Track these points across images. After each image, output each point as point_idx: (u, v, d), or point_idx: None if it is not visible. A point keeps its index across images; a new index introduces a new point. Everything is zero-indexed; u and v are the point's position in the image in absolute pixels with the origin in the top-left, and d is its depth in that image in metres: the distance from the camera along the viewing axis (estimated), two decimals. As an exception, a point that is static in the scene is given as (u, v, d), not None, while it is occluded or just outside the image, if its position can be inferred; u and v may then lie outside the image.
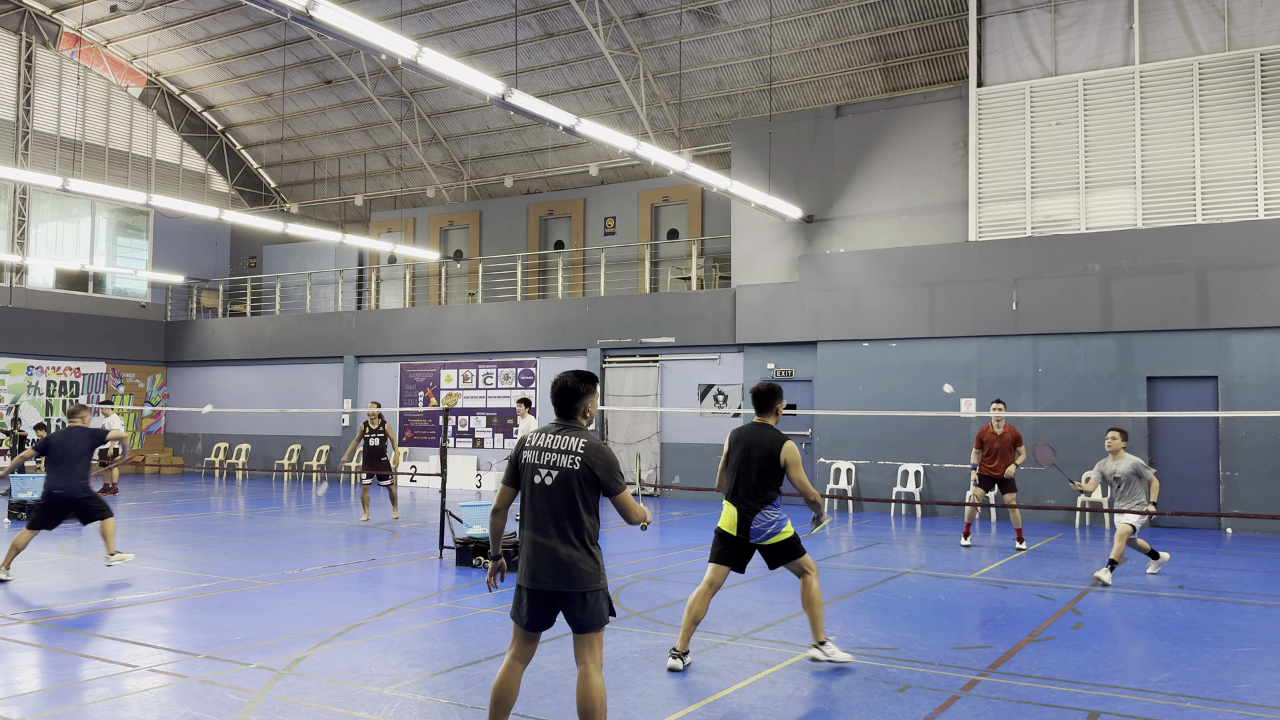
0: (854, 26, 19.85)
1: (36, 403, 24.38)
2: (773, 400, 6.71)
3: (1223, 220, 15.19)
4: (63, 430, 9.98)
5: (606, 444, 4.65)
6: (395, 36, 10.02)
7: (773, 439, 6.54)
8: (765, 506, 6.50)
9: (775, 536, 6.53)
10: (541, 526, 4.61)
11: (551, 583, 4.54)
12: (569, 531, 4.55)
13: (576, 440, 4.61)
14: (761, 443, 6.54)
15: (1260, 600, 9.18)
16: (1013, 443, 12.84)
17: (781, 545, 6.55)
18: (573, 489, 4.56)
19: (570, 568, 4.53)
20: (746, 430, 6.69)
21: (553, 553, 4.54)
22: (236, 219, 19.38)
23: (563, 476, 4.57)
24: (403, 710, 5.58)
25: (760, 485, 6.49)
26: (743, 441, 6.63)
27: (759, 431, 6.62)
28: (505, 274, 24.61)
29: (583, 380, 4.75)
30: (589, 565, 4.56)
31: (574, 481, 4.56)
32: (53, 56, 25.26)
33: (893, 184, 18.10)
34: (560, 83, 23.36)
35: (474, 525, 10.97)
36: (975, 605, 8.89)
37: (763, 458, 6.49)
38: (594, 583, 4.55)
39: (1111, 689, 6.11)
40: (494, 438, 22.28)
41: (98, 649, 7.02)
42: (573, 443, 4.60)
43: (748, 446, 6.57)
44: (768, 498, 6.51)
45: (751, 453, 6.53)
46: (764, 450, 6.50)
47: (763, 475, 6.49)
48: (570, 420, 4.75)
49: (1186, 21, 15.70)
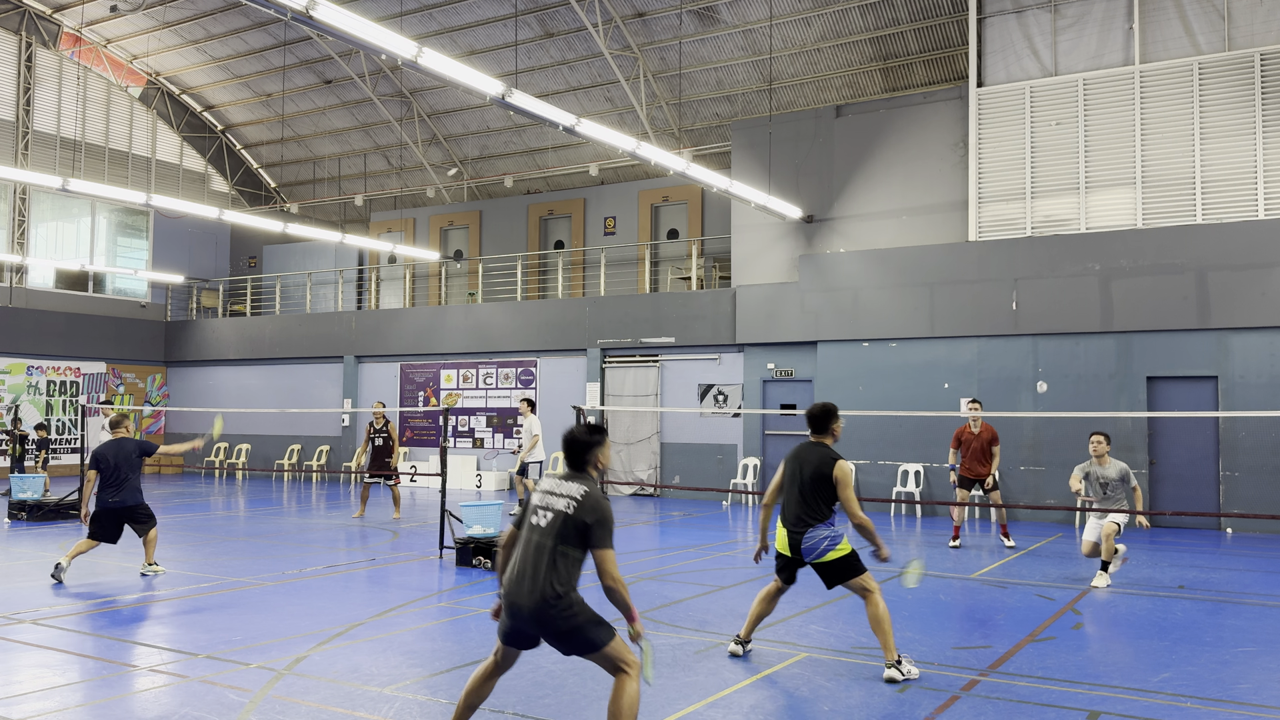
0: (854, 26, 19.85)
1: (36, 403, 24.38)
2: (828, 421, 6.67)
3: (1223, 220, 15.19)
4: (112, 442, 9.96)
5: (607, 500, 4.63)
6: (395, 36, 10.02)
7: (823, 457, 6.49)
8: (816, 525, 6.43)
9: (829, 554, 6.40)
10: (524, 564, 4.57)
11: (531, 626, 4.53)
12: (546, 572, 4.49)
13: (578, 488, 4.61)
14: (811, 460, 6.52)
15: (1260, 600, 9.18)
16: (989, 441, 12.80)
17: (836, 564, 6.41)
18: (560, 532, 4.53)
19: (544, 610, 4.46)
20: (800, 448, 6.69)
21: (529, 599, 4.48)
22: (236, 219, 19.38)
23: (555, 519, 4.56)
24: (403, 710, 5.58)
25: (808, 504, 6.45)
26: (796, 459, 6.63)
27: (810, 450, 6.60)
28: (505, 274, 24.61)
29: (592, 433, 4.77)
30: (564, 608, 4.47)
31: (563, 525, 4.53)
32: (53, 56, 25.26)
33: (893, 184, 18.10)
34: (560, 83, 23.36)
35: (474, 525, 10.97)
36: (975, 605, 8.89)
37: (813, 476, 6.45)
38: (569, 621, 4.48)
39: (1111, 689, 6.11)
40: (494, 438, 22.29)
41: (98, 649, 7.02)
42: (573, 489, 4.61)
43: (799, 465, 6.57)
44: (819, 515, 6.44)
45: (802, 471, 6.52)
46: (814, 468, 6.47)
47: (811, 493, 6.44)
48: (580, 471, 4.76)
49: (1186, 21, 15.70)
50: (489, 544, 10.61)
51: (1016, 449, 16.24)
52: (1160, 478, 15.39)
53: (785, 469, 6.67)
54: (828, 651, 7.00)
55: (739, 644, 6.82)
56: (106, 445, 9.95)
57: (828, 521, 6.45)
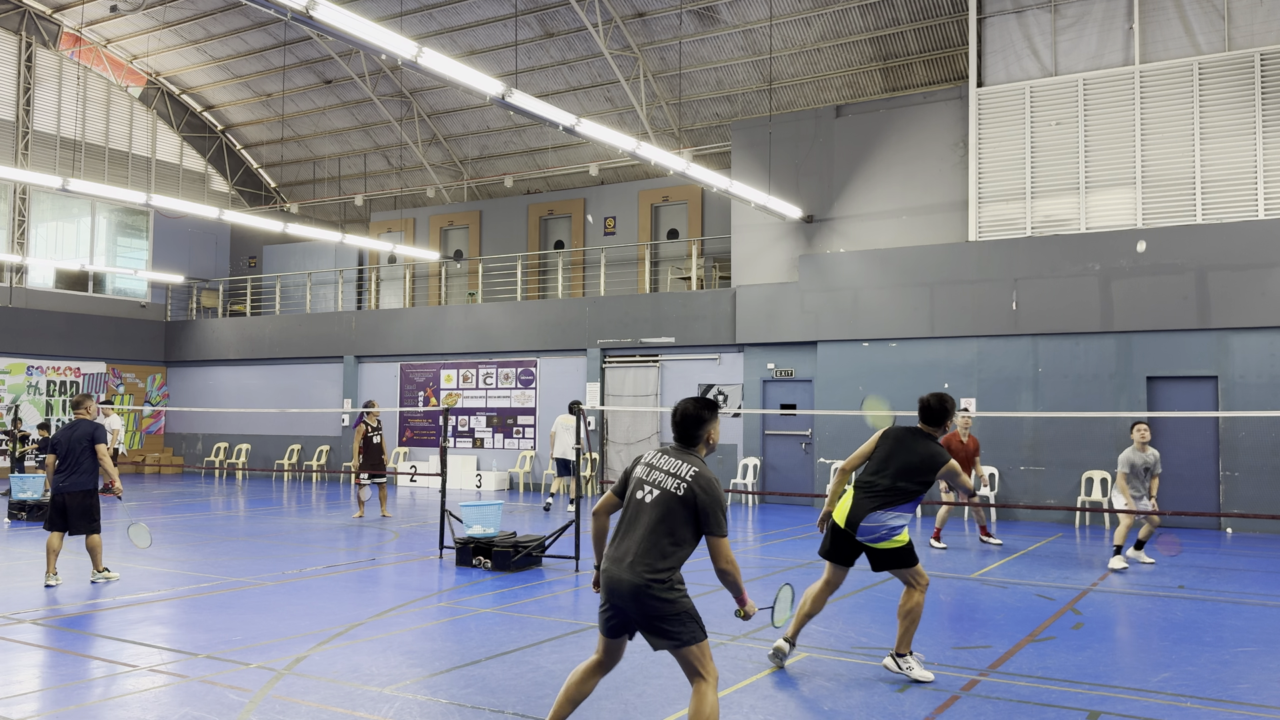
0: (854, 26, 19.85)
1: (36, 403, 24.38)
2: (945, 417, 6.41)
3: (1223, 220, 15.19)
4: (68, 425, 9.68)
5: (718, 482, 4.44)
6: (395, 36, 10.02)
7: (935, 452, 6.27)
8: (886, 509, 6.16)
9: (883, 543, 6.23)
10: (626, 545, 4.39)
11: (628, 604, 4.35)
12: (652, 555, 4.31)
13: (689, 468, 4.40)
14: (917, 449, 6.28)
15: (1260, 600, 9.18)
16: (975, 451, 12.87)
17: (891, 552, 6.26)
18: (667, 513, 4.35)
19: (645, 592, 4.29)
20: (904, 432, 6.42)
21: (630, 574, 4.32)
22: (236, 219, 19.38)
23: (663, 498, 4.36)
24: (403, 710, 5.58)
25: (893, 485, 6.18)
26: (894, 439, 6.39)
27: (916, 437, 6.38)
28: (505, 274, 24.61)
29: (704, 407, 4.54)
30: (665, 592, 4.30)
31: (673, 506, 4.35)
32: (53, 56, 25.26)
33: (893, 184, 18.10)
34: (560, 83, 23.36)
35: (474, 525, 10.97)
36: (975, 605, 8.89)
37: (917, 463, 6.21)
38: (668, 606, 4.30)
39: (1111, 689, 6.11)
40: (494, 438, 22.29)
41: (98, 649, 7.02)
42: (683, 469, 4.40)
43: (899, 446, 6.33)
44: (892, 500, 6.17)
45: (899, 452, 6.29)
46: (920, 458, 6.22)
47: (902, 476, 6.19)
48: (690, 447, 4.54)
49: (1186, 21, 15.70)
50: (489, 544, 10.62)
51: (1017, 449, 16.25)
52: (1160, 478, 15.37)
53: (880, 446, 6.39)
54: (828, 651, 6.99)
55: (786, 642, 6.50)
56: (63, 428, 9.66)
57: (897, 508, 6.17)
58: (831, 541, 6.41)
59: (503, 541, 10.63)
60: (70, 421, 9.77)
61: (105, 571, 9.72)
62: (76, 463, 9.48)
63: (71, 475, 9.47)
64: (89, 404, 9.87)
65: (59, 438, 9.59)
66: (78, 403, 9.85)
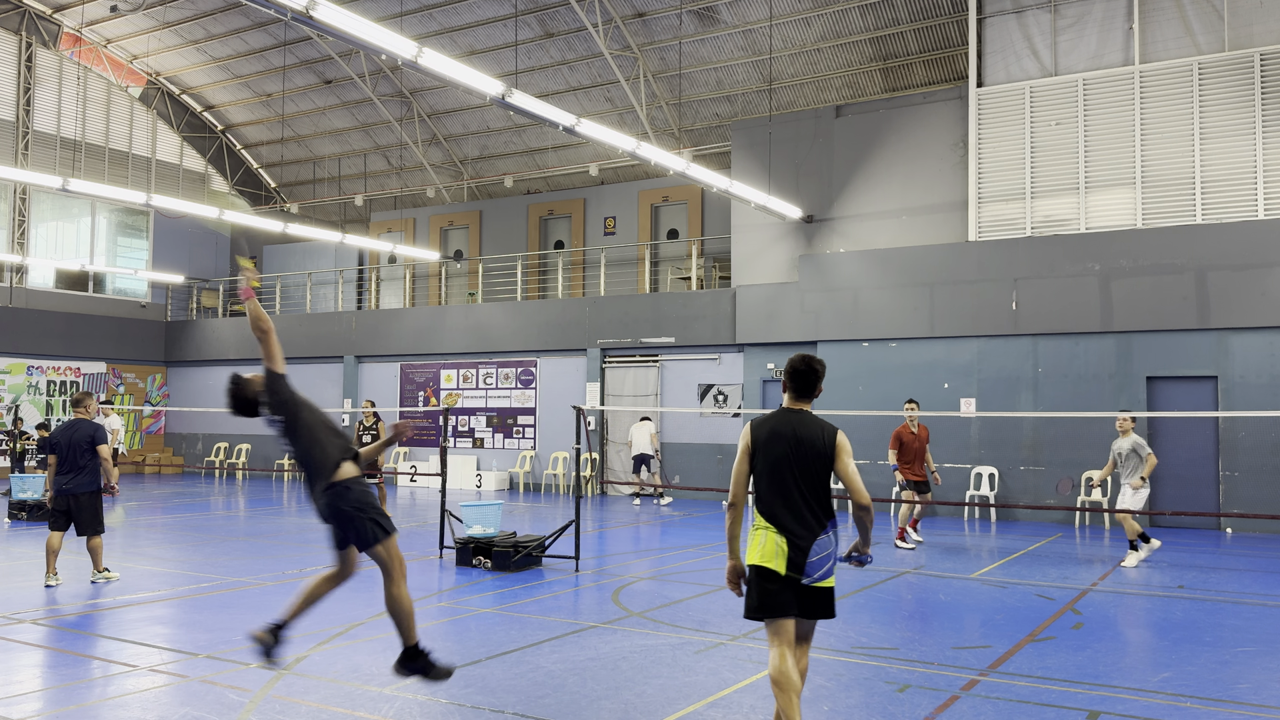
0: (854, 26, 19.85)
1: (36, 403, 24.38)
2: (818, 380, 4.96)
3: (1223, 220, 15.19)
4: (67, 425, 9.58)
5: None
6: (395, 36, 10.02)
7: (824, 428, 4.74)
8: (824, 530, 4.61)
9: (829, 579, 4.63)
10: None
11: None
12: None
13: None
14: (810, 436, 4.70)
15: (1260, 600, 9.18)
16: (926, 441, 12.83)
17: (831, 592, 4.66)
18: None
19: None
20: (779, 420, 4.76)
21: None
22: (236, 219, 19.38)
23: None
24: (403, 710, 5.58)
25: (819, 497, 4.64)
26: (782, 436, 4.70)
27: (803, 420, 4.77)
28: (505, 274, 24.61)
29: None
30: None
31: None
32: (53, 56, 25.26)
33: (893, 184, 18.10)
34: (560, 83, 23.36)
35: (474, 525, 10.97)
36: (975, 605, 8.89)
37: (818, 457, 4.65)
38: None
39: (1111, 689, 6.11)
40: (494, 438, 22.29)
41: (98, 649, 7.02)
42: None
43: (795, 442, 4.68)
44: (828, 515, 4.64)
45: (801, 450, 4.66)
46: (815, 447, 4.67)
47: (822, 481, 4.66)
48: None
49: (1186, 21, 15.70)
50: (489, 544, 10.61)
51: (1017, 449, 16.25)
52: (1160, 478, 15.38)
53: (767, 449, 4.69)
54: (828, 651, 6.99)
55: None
56: (62, 427, 9.56)
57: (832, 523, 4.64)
58: (762, 595, 4.57)
59: (503, 541, 10.63)
60: (69, 421, 9.64)
61: (105, 572, 9.72)
62: (78, 463, 9.43)
63: (75, 476, 9.41)
64: (89, 403, 9.80)
65: (58, 438, 9.48)
66: (78, 401, 9.76)
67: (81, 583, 9.60)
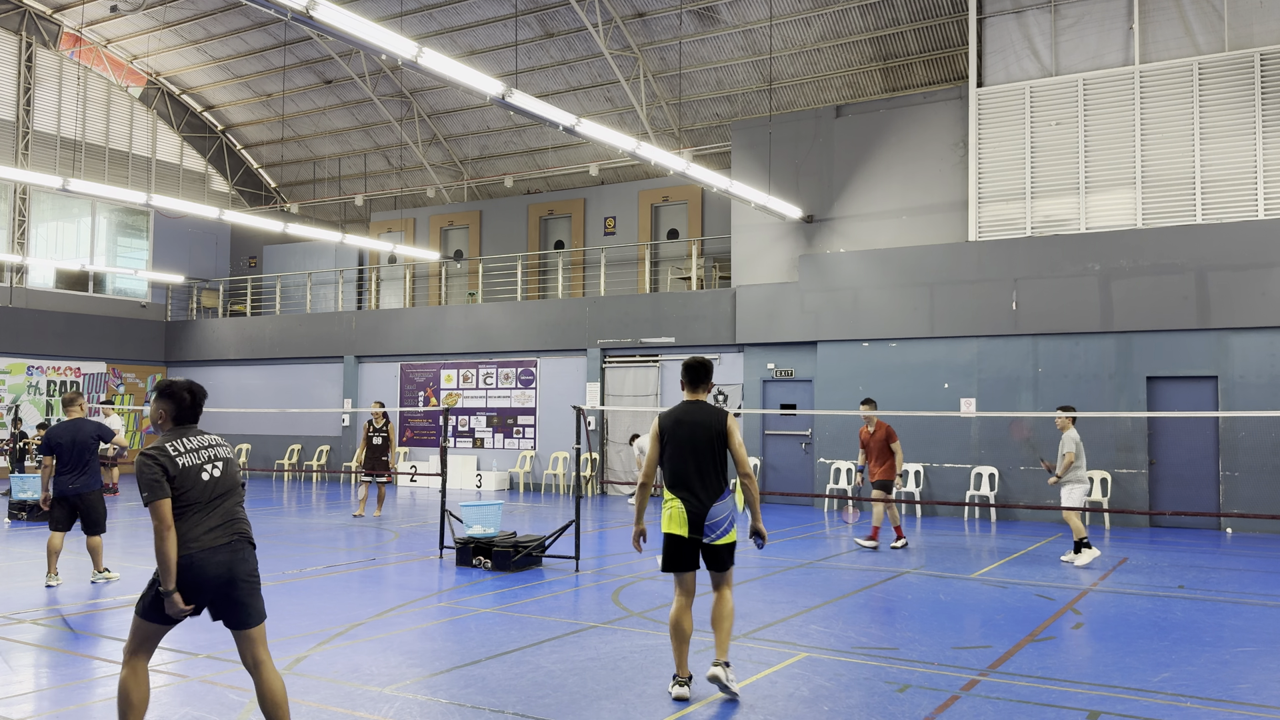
0: (854, 26, 19.85)
1: (36, 403, 24.38)
2: (709, 375, 6.05)
3: (1223, 220, 15.19)
4: (68, 424, 9.46)
5: None
6: (395, 36, 10.02)
7: (717, 413, 5.93)
8: (720, 497, 5.85)
9: (729, 535, 5.91)
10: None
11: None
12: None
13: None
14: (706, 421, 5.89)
15: (1260, 600, 9.18)
16: (885, 439, 12.49)
17: (731, 547, 5.95)
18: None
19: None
20: (682, 410, 5.98)
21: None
22: (236, 219, 19.38)
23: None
24: (403, 710, 5.58)
25: (716, 471, 5.85)
26: (684, 423, 5.90)
27: (702, 410, 5.96)
28: (505, 274, 24.61)
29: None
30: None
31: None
32: (53, 56, 25.25)
33: (893, 184, 18.10)
34: (560, 83, 23.36)
35: (474, 525, 10.97)
36: (975, 605, 8.89)
37: (716, 436, 5.84)
38: None
39: (1111, 689, 6.11)
40: (494, 438, 22.29)
41: (98, 649, 7.02)
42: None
43: (694, 427, 5.88)
44: (723, 485, 5.88)
45: (700, 432, 5.85)
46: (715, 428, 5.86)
47: (719, 457, 5.85)
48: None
49: (1186, 21, 15.70)
50: (489, 544, 10.62)
51: (1017, 449, 16.25)
52: (1160, 478, 15.39)
53: (672, 435, 5.89)
54: (828, 651, 6.99)
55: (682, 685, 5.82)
56: (62, 427, 9.43)
57: (727, 491, 5.86)
58: (671, 554, 5.93)
59: (503, 541, 10.63)
60: (71, 421, 9.53)
61: (105, 571, 9.72)
62: (85, 463, 9.40)
63: (81, 475, 9.38)
64: (81, 401, 9.76)
65: (62, 439, 9.36)
66: (69, 400, 9.68)
67: (82, 583, 9.60)
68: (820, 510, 17.73)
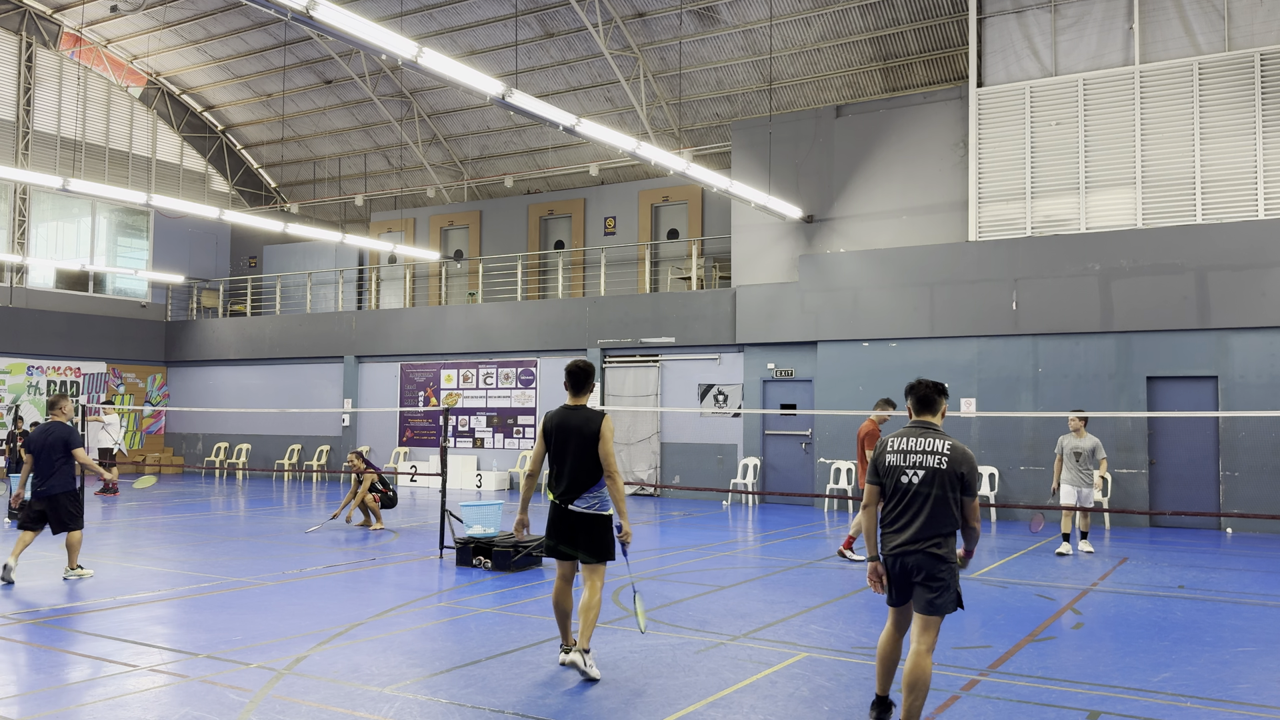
0: (854, 26, 19.85)
1: (37, 403, 24.38)
2: (591, 377, 6.57)
3: (1223, 220, 15.19)
4: (43, 427, 9.60)
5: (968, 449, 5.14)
6: (395, 36, 10.02)
7: (593, 417, 6.40)
8: (593, 491, 6.35)
9: (601, 510, 6.42)
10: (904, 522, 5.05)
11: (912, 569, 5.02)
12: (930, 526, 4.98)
13: (941, 442, 5.06)
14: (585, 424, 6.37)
15: (1260, 600, 9.18)
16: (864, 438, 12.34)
17: (603, 520, 6.41)
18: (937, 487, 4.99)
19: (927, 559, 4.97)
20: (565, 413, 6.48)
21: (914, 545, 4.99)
22: (236, 219, 19.39)
23: (929, 476, 5.02)
24: (403, 710, 5.58)
25: (589, 468, 6.31)
26: (565, 425, 6.41)
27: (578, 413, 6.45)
28: (505, 274, 24.61)
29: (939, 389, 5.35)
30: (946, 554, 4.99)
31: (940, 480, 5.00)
32: (53, 56, 25.25)
33: (893, 184, 18.10)
34: (560, 83, 23.36)
35: (474, 525, 10.97)
36: (975, 605, 8.89)
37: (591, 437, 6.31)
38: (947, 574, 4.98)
39: (1111, 689, 6.11)
40: (494, 438, 22.29)
41: (98, 649, 7.02)
42: (938, 444, 5.06)
43: (571, 429, 6.38)
44: (595, 481, 6.34)
45: (577, 434, 6.35)
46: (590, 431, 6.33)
47: (592, 456, 6.31)
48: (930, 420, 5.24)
49: (1186, 21, 15.70)
50: (489, 544, 10.62)
51: (1016, 449, 16.25)
52: (1160, 478, 15.39)
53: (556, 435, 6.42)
54: (828, 651, 6.99)
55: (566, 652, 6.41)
56: (38, 430, 9.57)
57: (598, 485, 6.34)
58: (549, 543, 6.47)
59: (503, 541, 10.63)
60: (45, 424, 9.64)
61: (78, 569, 9.73)
62: (51, 467, 9.49)
63: (47, 479, 9.46)
64: (64, 404, 9.82)
65: (34, 440, 9.51)
66: (53, 403, 9.77)
67: (82, 583, 9.59)
68: (820, 510, 17.73)
